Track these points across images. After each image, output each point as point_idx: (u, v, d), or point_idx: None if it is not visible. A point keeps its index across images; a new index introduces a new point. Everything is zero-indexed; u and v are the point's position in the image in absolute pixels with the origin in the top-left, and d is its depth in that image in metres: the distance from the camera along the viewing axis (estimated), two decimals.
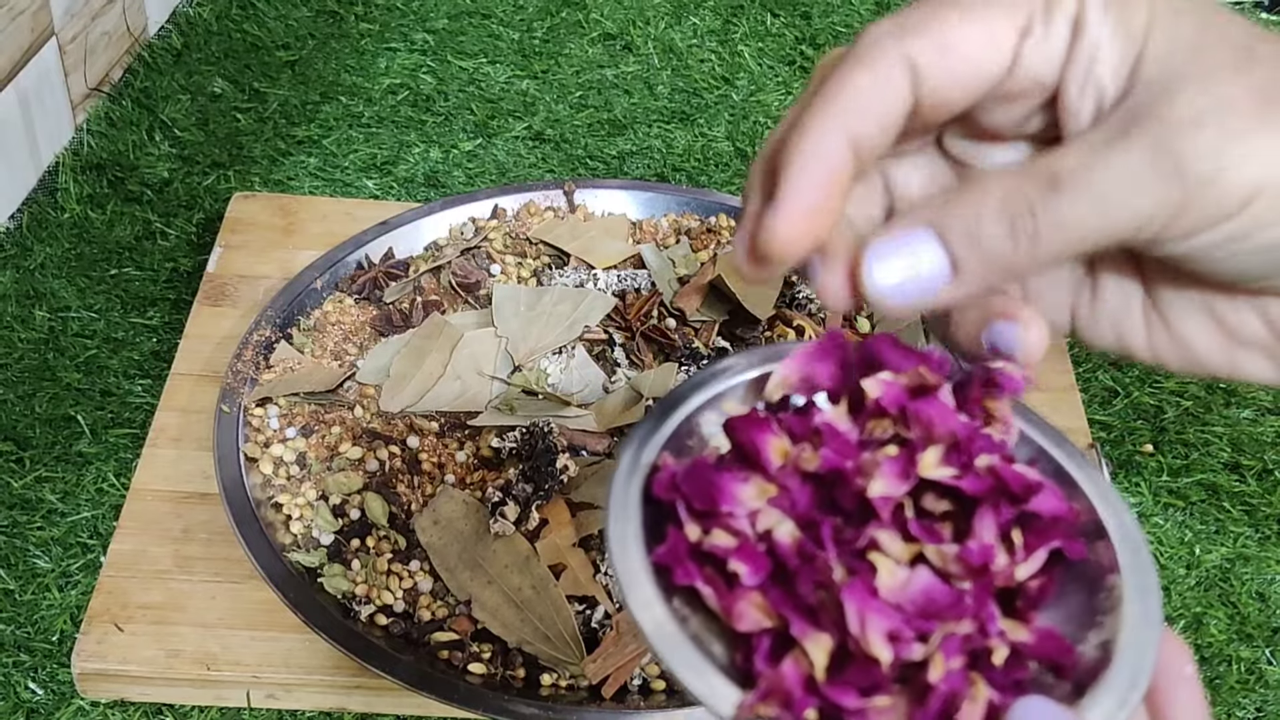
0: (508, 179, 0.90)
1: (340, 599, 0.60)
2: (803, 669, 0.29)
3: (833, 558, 0.31)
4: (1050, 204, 0.32)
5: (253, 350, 0.69)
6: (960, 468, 0.31)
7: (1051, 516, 0.31)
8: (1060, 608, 0.31)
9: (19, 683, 0.60)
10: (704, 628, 0.31)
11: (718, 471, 0.32)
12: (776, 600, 0.30)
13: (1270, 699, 0.63)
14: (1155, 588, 0.31)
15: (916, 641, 0.30)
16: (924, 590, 0.30)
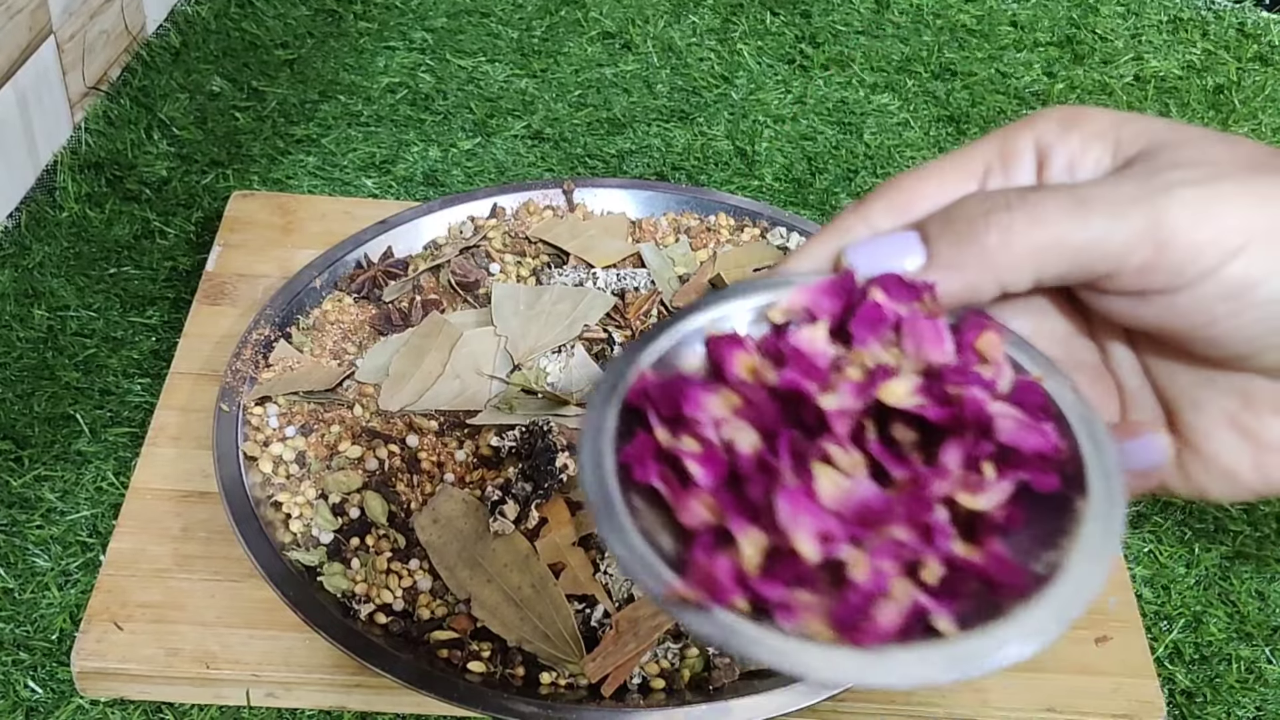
0: (507, 178, 0.90)
1: (340, 598, 0.60)
2: (735, 563, 0.31)
3: (786, 466, 0.32)
4: (1030, 201, 0.32)
5: (252, 349, 0.69)
6: (931, 398, 0.33)
7: (1022, 450, 0.32)
8: (1028, 530, 0.32)
9: (18, 681, 0.60)
10: (656, 524, 0.33)
11: (689, 383, 0.34)
12: (724, 501, 0.32)
13: (1270, 698, 0.63)
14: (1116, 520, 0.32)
15: (849, 545, 0.31)
16: (863, 499, 0.32)
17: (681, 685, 0.58)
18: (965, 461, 0.32)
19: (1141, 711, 0.60)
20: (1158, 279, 0.31)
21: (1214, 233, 0.31)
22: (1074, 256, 0.32)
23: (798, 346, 0.34)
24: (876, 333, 0.34)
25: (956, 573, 0.31)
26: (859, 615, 0.30)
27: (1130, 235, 0.31)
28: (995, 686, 0.60)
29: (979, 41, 1.08)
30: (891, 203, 0.35)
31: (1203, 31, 1.12)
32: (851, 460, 0.32)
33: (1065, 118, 0.35)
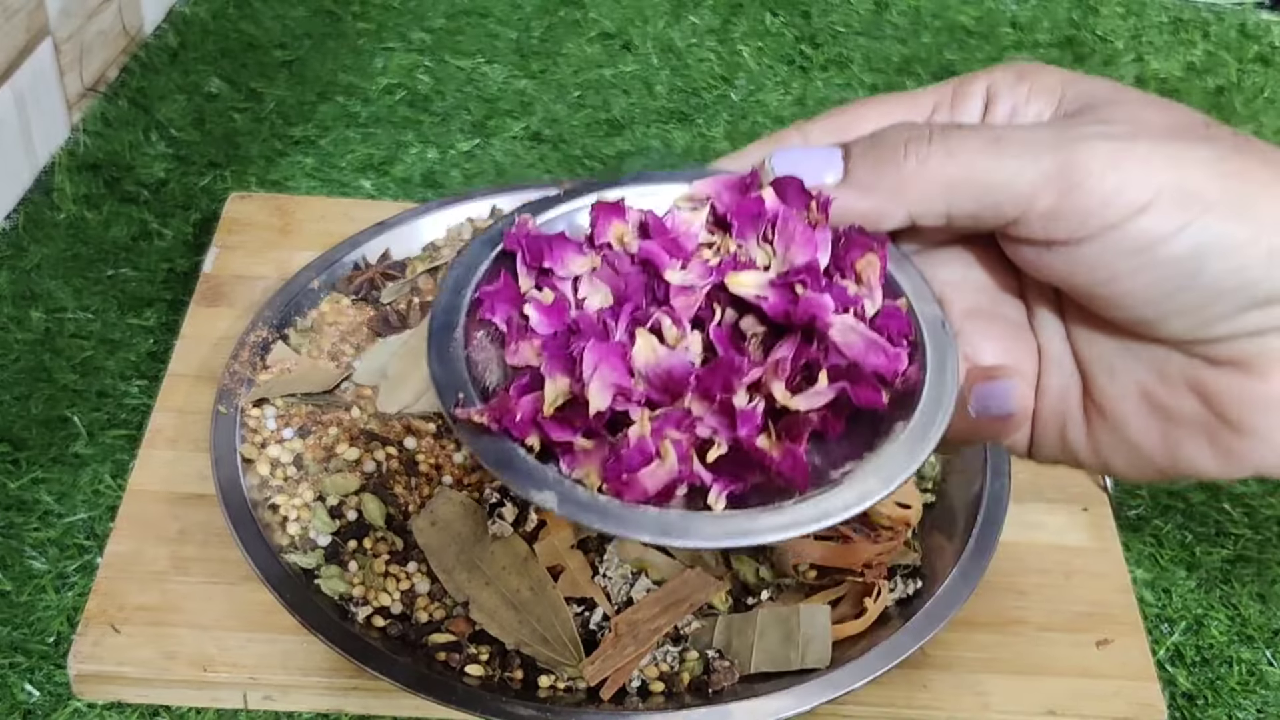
0: (505, 179, 0.89)
1: (337, 600, 0.59)
2: (536, 402, 0.33)
3: (620, 327, 0.34)
4: (949, 135, 0.33)
5: (249, 351, 0.69)
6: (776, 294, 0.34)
7: (860, 365, 0.33)
8: (844, 440, 0.34)
9: (15, 684, 0.59)
10: (492, 361, 0.35)
11: (560, 239, 0.36)
12: (550, 348, 0.34)
13: (1271, 700, 0.63)
14: (924, 449, 0.33)
15: (643, 407, 0.33)
16: (669, 368, 0.33)
17: (681, 689, 0.58)
18: (798, 362, 0.34)
19: (1142, 714, 0.60)
20: (1062, 227, 0.32)
21: (1120, 185, 0.31)
22: (983, 194, 0.32)
23: (667, 224, 0.36)
24: (752, 226, 0.35)
25: (744, 459, 0.33)
26: (625, 470, 0.32)
27: (1038, 177, 0.32)
28: (996, 689, 0.60)
29: (979, 42, 1.08)
30: (833, 123, 0.36)
31: (1204, 32, 1.12)
32: (677, 334, 0.34)
33: (1020, 71, 0.36)
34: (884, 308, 0.35)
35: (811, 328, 0.34)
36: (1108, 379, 0.35)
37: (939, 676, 0.60)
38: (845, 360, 0.34)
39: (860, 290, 0.35)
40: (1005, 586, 0.64)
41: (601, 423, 0.32)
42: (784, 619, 0.59)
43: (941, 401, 0.34)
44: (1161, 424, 0.35)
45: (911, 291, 0.36)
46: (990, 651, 0.61)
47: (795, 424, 0.33)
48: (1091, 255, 0.32)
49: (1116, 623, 0.63)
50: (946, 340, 0.35)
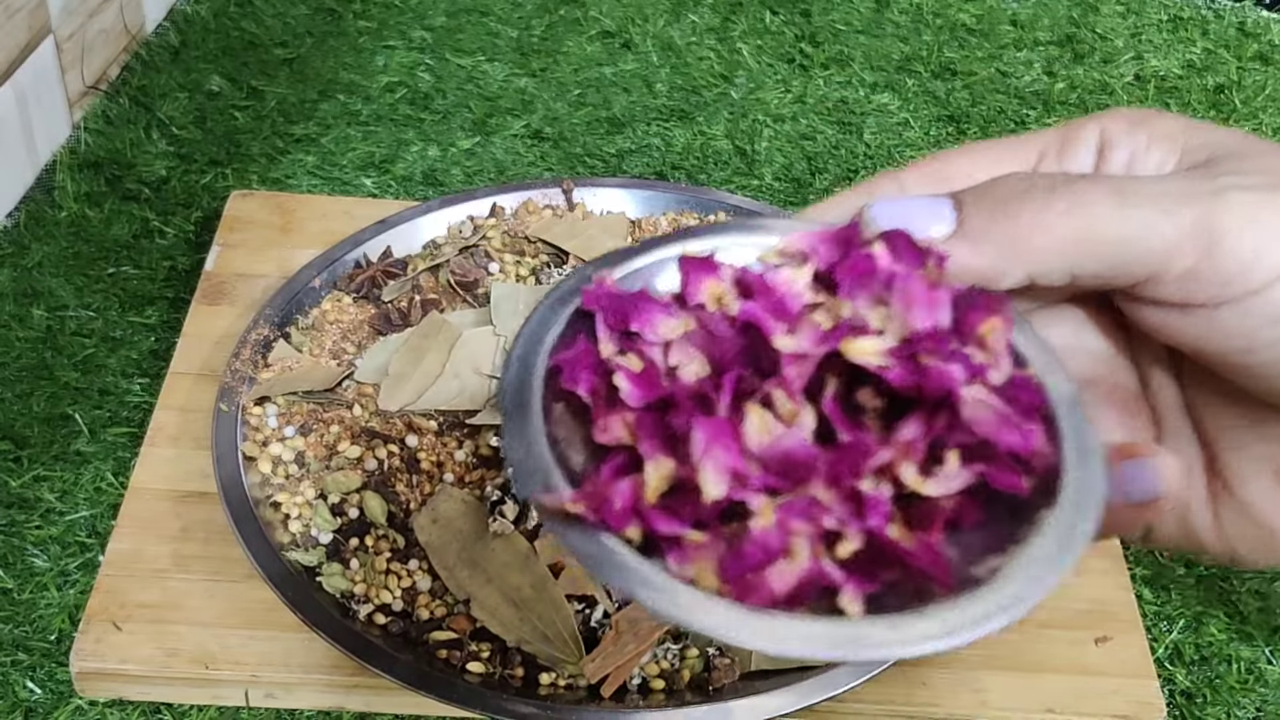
0: (506, 177, 0.90)
1: (339, 598, 0.60)
2: (636, 488, 0.28)
3: (723, 400, 0.29)
4: (1074, 186, 0.30)
5: (251, 349, 0.69)
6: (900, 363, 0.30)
7: (995, 444, 0.29)
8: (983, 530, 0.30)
9: (17, 682, 0.59)
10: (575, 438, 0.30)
11: (646, 298, 0.31)
12: (645, 425, 0.29)
13: (1270, 698, 0.63)
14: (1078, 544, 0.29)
15: (762, 494, 0.28)
16: (789, 449, 0.29)
17: (681, 686, 0.58)
18: (926, 442, 0.29)
19: (1141, 712, 0.60)
20: (1200, 289, 0.29)
21: (1265, 243, 0.28)
22: (1112, 251, 0.29)
23: (769, 282, 0.31)
24: (863, 286, 0.31)
25: (878, 553, 0.29)
26: (749, 569, 0.28)
27: (1175, 234, 0.28)
28: (994, 687, 0.60)
29: (979, 41, 1.08)
30: (930, 171, 0.33)
31: (1203, 30, 1.12)
32: (792, 409, 0.29)
33: (1135, 117, 0.33)
34: (1013, 378, 0.31)
35: (940, 401, 0.29)
36: (1235, 455, 0.32)
37: (938, 674, 0.60)
38: (976, 438, 0.29)
39: (986, 358, 0.30)
40: None
41: (715, 514, 0.28)
42: None
43: (1090, 485, 0.29)
44: None
45: (1036, 359, 0.31)
46: (989, 649, 0.61)
47: (928, 513, 0.29)
48: (1230, 321, 0.29)
49: (1115, 620, 0.63)
50: (1081, 416, 0.31)
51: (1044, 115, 1.00)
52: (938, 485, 0.29)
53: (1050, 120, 1.00)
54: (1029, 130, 0.35)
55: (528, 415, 0.30)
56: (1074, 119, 0.33)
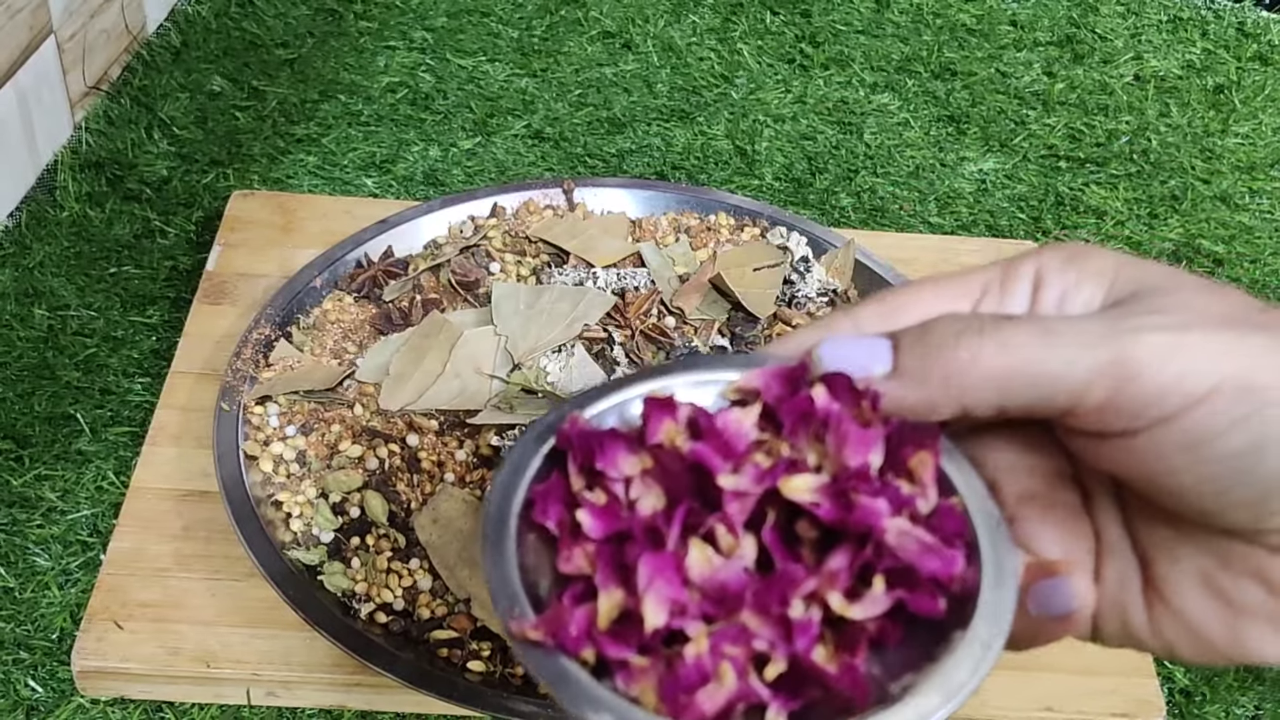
0: (507, 177, 0.90)
1: (340, 597, 0.60)
2: (591, 616, 0.32)
3: (673, 534, 0.32)
4: (1002, 328, 0.32)
5: (252, 348, 0.69)
6: (829, 499, 0.33)
7: (917, 570, 0.32)
8: (902, 649, 0.33)
9: (19, 680, 0.60)
10: (545, 566, 0.34)
11: (611, 436, 0.34)
12: (603, 556, 0.32)
13: (1268, 696, 0.63)
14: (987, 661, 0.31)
15: (700, 621, 0.32)
16: (724, 581, 0.32)
17: None
18: (854, 569, 0.32)
19: (1140, 710, 0.60)
20: (1116, 419, 0.31)
21: (1177, 377, 0.30)
22: (1036, 386, 0.32)
23: (717, 422, 0.35)
24: (803, 425, 0.34)
25: (802, 674, 0.32)
26: (683, 691, 0.31)
27: (1091, 369, 0.31)
28: (994, 686, 0.60)
29: (979, 41, 1.08)
30: (883, 308, 0.36)
31: (1202, 31, 1.12)
32: (731, 543, 0.33)
33: (1070, 254, 0.35)
34: (938, 507, 0.34)
35: (867, 534, 0.33)
36: (1168, 566, 0.34)
37: None
38: (900, 564, 0.32)
39: (914, 490, 0.34)
40: None
41: (658, 639, 0.31)
42: None
43: (1001, 607, 0.32)
44: (1225, 611, 0.34)
45: (964, 487, 0.34)
46: None
47: (852, 635, 0.32)
48: (1147, 447, 0.31)
49: None
50: (1003, 540, 0.34)
51: (1044, 115, 1.00)
52: (862, 609, 0.32)
53: (1050, 120, 1.00)
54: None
55: (504, 543, 0.33)
56: (1013, 257, 0.36)
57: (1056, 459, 0.36)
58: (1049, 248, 0.35)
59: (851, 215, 0.90)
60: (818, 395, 0.34)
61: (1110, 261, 0.34)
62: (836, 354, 0.34)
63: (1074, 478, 0.37)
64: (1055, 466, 0.36)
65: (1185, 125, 1.01)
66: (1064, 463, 0.36)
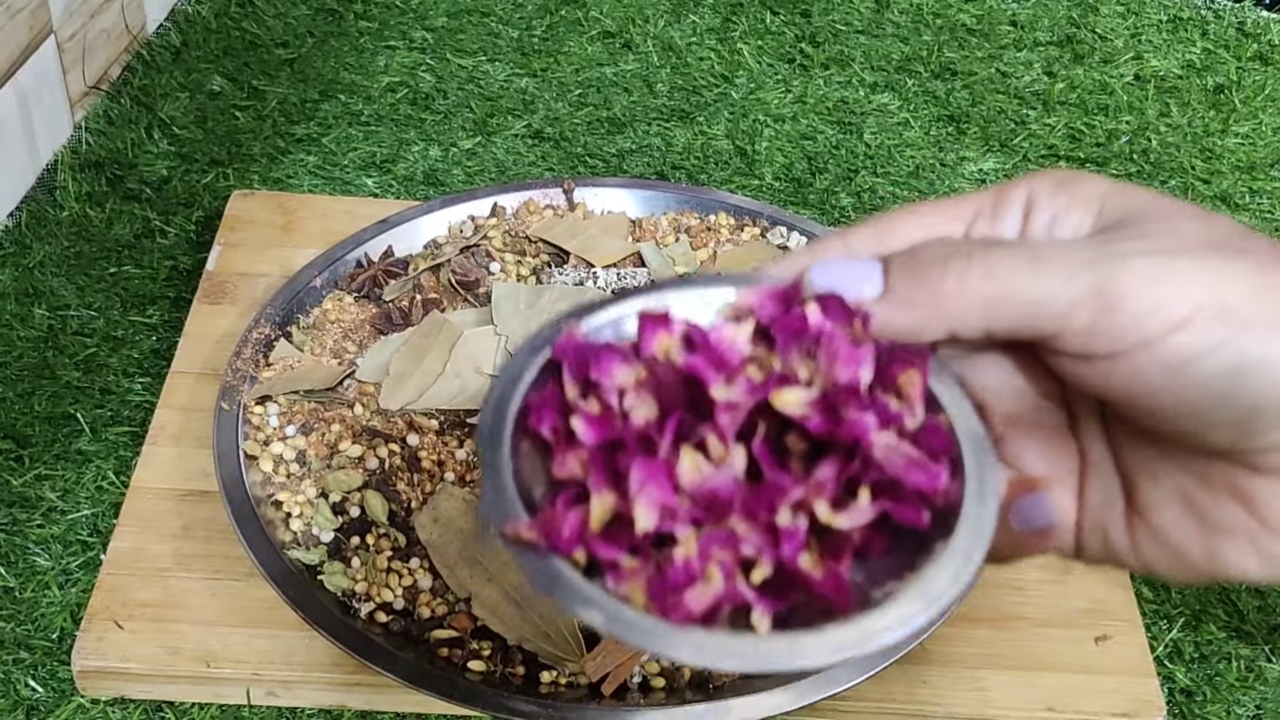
0: (507, 177, 0.90)
1: (340, 596, 0.60)
2: (583, 518, 0.33)
3: (665, 442, 0.34)
4: (990, 253, 0.33)
5: (252, 348, 0.69)
6: (819, 412, 0.34)
7: (902, 483, 0.33)
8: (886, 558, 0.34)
9: (19, 680, 0.60)
10: (538, 472, 0.35)
11: (606, 349, 0.35)
12: (596, 462, 0.34)
13: (1269, 696, 0.63)
14: (967, 572, 0.32)
15: (689, 525, 0.33)
16: (715, 487, 0.33)
17: (682, 684, 0.58)
18: (841, 481, 0.33)
19: (1141, 710, 0.60)
20: (1100, 343, 0.32)
21: (1159, 302, 0.31)
22: (1022, 312, 0.32)
23: (711, 337, 0.36)
24: (796, 341, 0.35)
25: (786, 579, 0.33)
26: (671, 591, 0.32)
27: (1076, 296, 0.32)
28: (995, 686, 0.60)
29: (979, 41, 1.08)
30: (876, 231, 0.36)
31: (1202, 31, 1.12)
32: (722, 452, 0.34)
33: (1061, 180, 0.36)
34: (924, 424, 0.35)
35: (854, 447, 0.34)
36: (1149, 484, 0.35)
37: (938, 672, 0.60)
38: (886, 477, 0.33)
39: (901, 406, 0.35)
40: (1004, 583, 0.64)
41: (648, 542, 0.33)
42: None
43: (983, 520, 0.33)
44: (1203, 529, 0.34)
45: (952, 406, 0.35)
46: (989, 647, 0.62)
47: (837, 543, 0.33)
48: (1129, 370, 0.32)
49: (1115, 619, 0.63)
50: (987, 457, 0.34)
51: (1044, 115, 1.00)
52: (847, 519, 0.33)
53: (1050, 120, 1.00)
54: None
55: (499, 450, 0.34)
56: (1006, 181, 0.36)
57: (1044, 380, 0.37)
58: (1040, 174, 0.36)
59: (851, 215, 0.90)
60: (811, 313, 0.35)
61: (1100, 188, 0.35)
62: (827, 276, 0.35)
63: (1061, 398, 0.37)
64: (1043, 387, 0.37)
65: (1185, 125, 1.01)
66: (1051, 384, 0.37)
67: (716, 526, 0.33)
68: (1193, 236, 0.32)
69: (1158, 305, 0.31)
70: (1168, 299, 0.31)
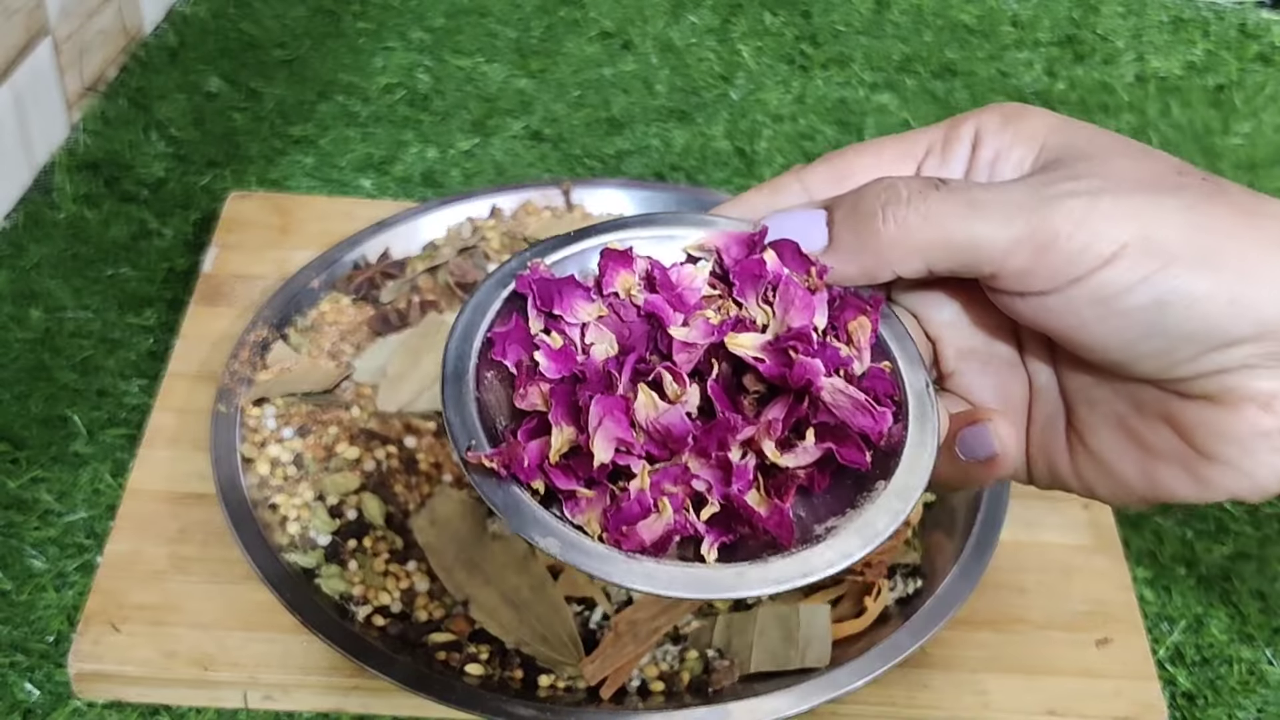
0: (505, 178, 0.89)
1: (337, 600, 0.59)
2: (543, 450, 0.34)
3: (623, 379, 0.35)
4: (927, 200, 0.35)
5: (249, 350, 0.69)
6: (771, 356, 0.36)
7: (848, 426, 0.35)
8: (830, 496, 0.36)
9: (15, 684, 0.59)
10: (502, 402, 0.36)
11: (570, 284, 0.37)
12: (558, 395, 0.35)
13: (1271, 699, 0.63)
14: (904, 512, 0.35)
15: (642, 460, 0.35)
16: (669, 424, 0.35)
17: (680, 688, 0.58)
18: (789, 422, 0.36)
19: (1143, 714, 0.60)
20: (1035, 282, 0.34)
21: (1088, 242, 0.33)
22: (960, 255, 0.34)
23: (672, 276, 0.38)
24: (753, 287, 0.37)
25: (734, 513, 0.35)
26: (625, 521, 0.34)
27: (1010, 240, 0.33)
28: (996, 689, 0.60)
29: (979, 41, 1.08)
30: (832, 170, 0.38)
31: (1204, 31, 1.12)
32: (677, 390, 0.35)
33: (1007, 115, 0.37)
34: (871, 369, 0.37)
35: (804, 389, 0.35)
36: (1088, 411, 0.37)
37: (939, 676, 0.60)
38: (834, 420, 0.35)
39: (850, 352, 0.36)
40: (1005, 585, 0.64)
41: (604, 474, 0.34)
42: (784, 618, 0.59)
43: (922, 462, 0.35)
44: (1138, 453, 0.36)
45: (899, 351, 0.37)
46: (990, 650, 0.61)
47: (783, 481, 0.35)
48: (1061, 305, 0.34)
49: (1117, 622, 0.63)
50: (929, 402, 0.37)
51: None
52: (793, 458, 0.35)
53: None
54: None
55: (463, 381, 0.36)
56: (958, 115, 0.38)
57: (994, 315, 0.38)
58: (989, 109, 0.38)
59: None
60: (769, 259, 0.37)
61: (1044, 124, 0.36)
62: (779, 228, 0.37)
63: (1011, 331, 0.39)
64: (994, 320, 0.39)
65: (1186, 125, 1.01)
66: (1001, 318, 0.38)
67: (669, 462, 0.35)
68: (1125, 175, 0.34)
69: (1087, 244, 0.33)
70: (1096, 238, 0.33)
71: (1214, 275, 0.33)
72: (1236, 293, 0.33)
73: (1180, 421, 0.35)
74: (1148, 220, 0.33)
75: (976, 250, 0.34)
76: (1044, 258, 0.33)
